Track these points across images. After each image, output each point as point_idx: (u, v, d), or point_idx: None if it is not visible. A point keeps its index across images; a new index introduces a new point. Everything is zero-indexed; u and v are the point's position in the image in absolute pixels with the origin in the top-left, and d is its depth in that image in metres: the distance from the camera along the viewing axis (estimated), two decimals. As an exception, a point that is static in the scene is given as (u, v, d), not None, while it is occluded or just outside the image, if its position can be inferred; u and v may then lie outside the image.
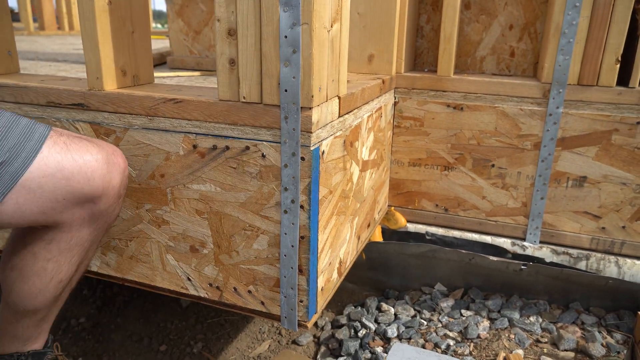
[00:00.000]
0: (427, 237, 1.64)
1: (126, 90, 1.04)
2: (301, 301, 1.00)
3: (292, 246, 0.96)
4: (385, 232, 1.70)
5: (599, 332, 1.42)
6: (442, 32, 1.49)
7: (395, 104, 1.58)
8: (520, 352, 1.33)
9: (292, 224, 0.94)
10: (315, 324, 1.65)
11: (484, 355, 1.35)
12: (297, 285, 0.99)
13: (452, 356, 1.36)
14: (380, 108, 1.40)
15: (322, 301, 1.07)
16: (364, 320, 1.57)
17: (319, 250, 1.00)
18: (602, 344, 1.35)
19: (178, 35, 1.87)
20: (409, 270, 1.67)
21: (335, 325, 1.61)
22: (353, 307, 1.67)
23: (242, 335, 1.63)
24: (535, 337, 1.41)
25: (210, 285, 1.08)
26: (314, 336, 1.60)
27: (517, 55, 1.62)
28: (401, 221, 1.66)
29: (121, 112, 1.03)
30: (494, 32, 1.61)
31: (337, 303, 1.74)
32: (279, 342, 1.60)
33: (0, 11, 1.23)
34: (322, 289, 1.05)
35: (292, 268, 0.98)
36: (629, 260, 1.45)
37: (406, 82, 1.54)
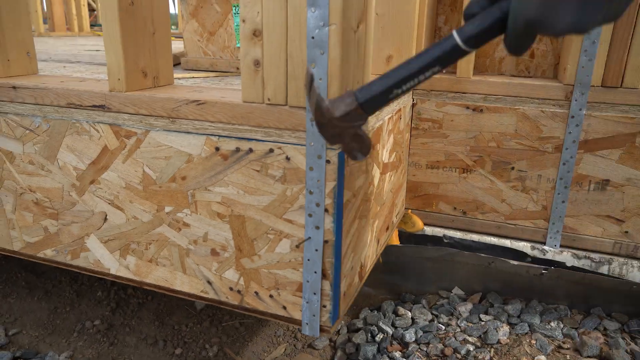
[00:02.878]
0: (445, 241, 1.62)
1: (147, 91, 1.03)
2: (324, 306, 0.99)
3: (316, 250, 0.94)
4: (402, 235, 1.68)
5: (623, 338, 1.39)
6: (462, 33, 1.47)
7: (413, 105, 1.56)
8: (543, 358, 1.31)
9: (317, 227, 0.93)
10: (331, 328, 1.63)
11: (506, 361, 1.33)
12: (320, 290, 0.97)
13: (473, 362, 1.34)
14: (399, 110, 1.39)
15: (344, 306, 1.05)
16: (380, 324, 1.55)
17: (343, 255, 0.98)
18: (626, 351, 1.33)
19: (192, 36, 1.86)
20: (425, 273, 1.65)
21: (352, 329, 1.59)
22: (369, 311, 1.65)
23: (257, 338, 1.61)
24: (557, 343, 1.39)
25: (231, 289, 1.06)
26: (330, 340, 1.59)
27: (537, 57, 1.60)
28: (419, 224, 1.64)
29: (142, 114, 1.02)
30: (514, 33, 1.59)
31: (353, 307, 1.72)
32: (294, 345, 1.58)
33: (20, 13, 1.22)
34: (344, 294, 1.04)
35: (315, 272, 0.96)
36: None
37: (425, 83, 1.52)
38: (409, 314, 1.59)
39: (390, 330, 1.53)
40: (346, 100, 0.71)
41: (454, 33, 0.67)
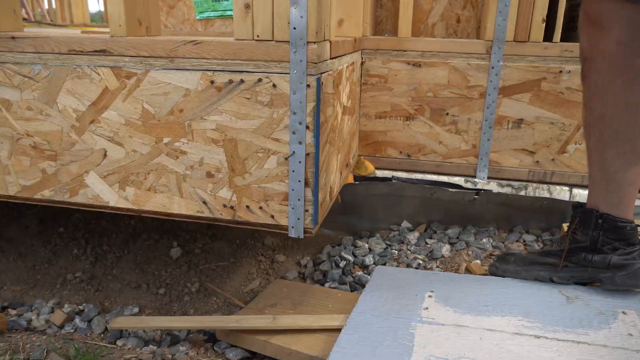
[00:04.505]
0: (393, 181, 1.88)
1: (145, 37, 1.19)
2: (307, 210, 1.20)
3: (300, 162, 1.16)
4: (356, 179, 1.92)
5: (537, 246, 1.72)
6: (401, 0, 1.74)
7: (362, 63, 1.81)
8: (478, 261, 1.60)
9: (300, 142, 1.14)
10: (299, 263, 1.85)
11: (449, 267, 1.61)
12: (303, 196, 1.18)
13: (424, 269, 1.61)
14: (353, 63, 1.62)
15: (321, 214, 1.27)
16: (342, 254, 1.78)
17: (320, 168, 1.20)
18: (541, 253, 1.65)
19: (156, 7, 1.99)
20: (377, 211, 1.90)
21: (317, 263, 1.82)
22: (331, 247, 1.88)
23: (234, 276, 1.79)
24: (488, 253, 1.69)
25: (225, 206, 1.25)
26: (299, 273, 1.80)
27: (462, 21, 1.90)
28: (370, 168, 1.89)
29: (143, 56, 1.18)
30: (442, 1, 1.88)
31: (315, 247, 1.94)
32: (267, 279, 1.78)
33: (8, -28, 1.33)
34: (321, 204, 1.26)
35: (299, 181, 1.17)
36: (557, 187, 1.76)
37: (372, 44, 1.78)
38: (366, 245, 1.84)
39: (351, 258, 1.76)
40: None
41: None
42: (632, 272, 1.23)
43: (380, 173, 1.90)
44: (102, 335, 1.46)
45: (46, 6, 5.56)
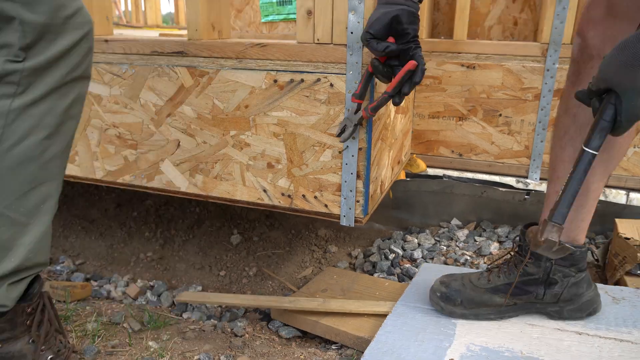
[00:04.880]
0: (444, 179, 1.93)
1: (217, 40, 1.33)
2: (358, 201, 1.29)
3: (353, 156, 1.25)
4: (408, 176, 1.99)
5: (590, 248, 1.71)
6: (458, 3, 1.79)
7: (417, 65, 1.87)
8: (525, 260, 1.62)
9: (353, 137, 1.23)
10: (350, 254, 1.94)
11: (494, 261, 1.65)
12: (355, 187, 1.28)
13: (469, 267, 1.66)
14: (407, 64, 1.69)
15: (371, 205, 1.36)
16: (392, 247, 1.86)
17: (371, 162, 1.29)
18: (595, 259, 1.65)
19: (226, 11, 2.15)
20: (428, 207, 1.96)
21: (367, 255, 1.90)
22: (381, 240, 1.96)
23: (288, 264, 1.91)
24: (537, 253, 1.70)
25: (283, 194, 1.37)
26: (350, 263, 1.89)
27: (519, 25, 1.92)
28: (422, 166, 1.95)
29: (215, 57, 1.31)
30: (500, 4, 1.91)
31: (367, 239, 2.03)
32: (320, 268, 1.89)
33: (101, -17, 1.51)
34: (371, 196, 1.34)
35: (351, 174, 1.27)
36: (613, 190, 1.75)
37: (427, 46, 1.84)
38: (416, 240, 1.90)
39: (400, 252, 1.84)
40: (552, 230, 0.88)
41: (588, 150, 0.85)
42: (579, 306, 1.20)
43: (431, 171, 1.96)
44: (169, 308, 1.62)
45: (122, 8, 5.99)
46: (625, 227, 1.47)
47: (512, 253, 1.28)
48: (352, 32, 1.16)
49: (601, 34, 1.04)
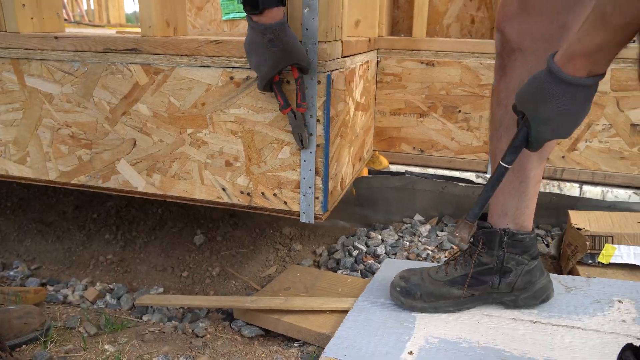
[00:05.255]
0: (407, 175, 1.95)
1: (172, 37, 1.31)
2: (317, 197, 1.29)
3: (311, 152, 1.25)
4: (371, 173, 2.00)
5: (546, 241, 1.76)
6: (416, 1, 1.81)
7: (377, 62, 1.88)
8: (485, 253, 1.66)
9: (311, 134, 1.23)
10: (314, 252, 1.94)
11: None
12: (314, 184, 1.28)
13: (431, 262, 1.68)
14: (367, 62, 1.71)
15: (331, 202, 1.36)
16: (356, 243, 1.87)
17: (330, 159, 1.29)
18: (546, 245, 1.70)
19: (185, 8, 2.11)
20: (391, 203, 1.98)
21: (331, 252, 1.90)
22: (345, 238, 1.97)
23: (252, 262, 1.90)
24: (496, 246, 1.74)
25: (242, 192, 1.35)
26: (314, 261, 1.89)
27: (476, 22, 1.95)
28: (384, 163, 1.97)
29: (169, 54, 1.29)
30: (458, 3, 1.94)
31: (331, 237, 2.03)
32: (284, 266, 1.88)
33: (51, -22, 1.46)
34: (331, 193, 1.34)
35: (310, 170, 1.26)
36: (567, 184, 1.80)
37: (387, 43, 1.85)
38: (379, 236, 1.92)
39: (364, 248, 1.85)
40: (464, 227, 1.07)
41: (502, 164, 1.00)
42: (532, 293, 1.24)
43: (394, 167, 1.97)
44: (129, 310, 1.58)
45: (85, 7, 5.84)
46: (578, 218, 1.51)
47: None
48: (307, 29, 1.16)
49: (517, 29, 1.09)
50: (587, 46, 0.81)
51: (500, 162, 1.00)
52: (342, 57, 1.35)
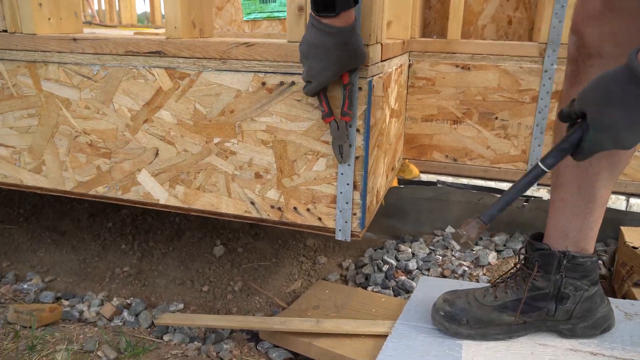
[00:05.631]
0: (439, 185, 1.85)
1: (199, 39, 1.21)
2: (354, 214, 1.19)
3: (349, 165, 1.15)
4: (401, 182, 1.90)
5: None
6: (452, 1, 1.70)
7: (409, 65, 1.78)
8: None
9: (350, 145, 1.13)
10: (340, 265, 1.84)
11: (496, 275, 1.57)
12: (352, 199, 1.18)
13: (468, 279, 1.58)
14: (401, 65, 1.60)
15: (368, 218, 1.26)
16: (385, 257, 1.76)
17: (368, 171, 1.19)
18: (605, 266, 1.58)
19: (206, 9, 2.02)
20: (422, 214, 1.88)
21: (359, 266, 1.80)
22: (373, 250, 1.87)
23: (275, 276, 1.80)
24: (538, 262, 1.63)
25: (272, 207, 1.26)
26: (341, 275, 1.79)
27: (514, 23, 1.84)
28: (415, 172, 1.86)
29: (197, 57, 1.20)
30: (494, 2, 1.83)
31: (357, 249, 1.93)
32: (309, 281, 1.78)
33: (69, -24, 1.38)
34: (368, 207, 1.24)
35: (348, 184, 1.16)
36: (613, 196, 1.69)
37: (420, 46, 1.75)
38: (409, 249, 1.81)
39: (394, 262, 1.74)
40: (475, 225, 0.94)
41: (541, 165, 0.88)
42: (593, 322, 1.13)
43: (425, 177, 1.87)
44: (149, 329, 1.49)
45: (96, 7, 5.79)
46: (632, 235, 1.40)
47: (518, 266, 1.20)
48: (348, 31, 1.06)
49: (598, 31, 0.97)
50: None
51: (539, 163, 0.88)
52: (381, 61, 1.25)
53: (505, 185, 1.79)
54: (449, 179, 1.84)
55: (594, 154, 0.86)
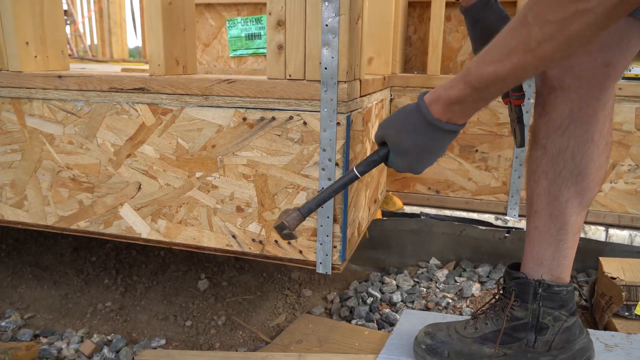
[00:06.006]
0: (422, 217, 1.86)
1: (182, 76, 1.24)
2: (335, 247, 1.20)
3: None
4: (384, 214, 1.91)
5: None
6: (431, 38, 1.76)
7: (391, 100, 1.82)
8: (510, 302, 1.55)
9: (329, 179, 1.15)
10: (325, 298, 1.83)
11: (479, 307, 1.57)
12: (332, 233, 1.19)
13: (452, 312, 1.57)
14: (382, 100, 1.64)
15: (349, 251, 1.27)
16: (370, 290, 1.76)
17: (348, 205, 1.20)
18: (582, 297, 1.59)
19: (192, 45, 2.07)
20: (406, 246, 1.88)
21: (344, 299, 1.79)
22: (358, 283, 1.86)
23: (260, 310, 1.79)
24: (521, 293, 1.64)
25: (254, 240, 1.26)
26: (325, 308, 1.78)
27: (491, 59, 1.90)
28: (398, 204, 1.88)
29: (179, 94, 1.22)
30: (472, 40, 1.90)
31: (343, 282, 1.92)
32: (293, 314, 1.77)
33: (56, 15, 1.41)
34: (349, 240, 1.25)
35: (328, 217, 1.18)
36: (592, 227, 1.71)
37: (401, 81, 1.80)
38: (394, 281, 1.81)
39: (378, 295, 1.74)
40: (293, 215, 1.01)
41: (355, 170, 0.99)
42: (572, 354, 1.13)
43: (408, 209, 1.89)
44: (129, 366, 1.46)
45: (89, 42, 5.88)
46: (610, 266, 1.42)
47: (497, 296, 1.20)
48: (326, 68, 1.09)
49: (559, 65, 1.03)
50: (449, 95, 0.87)
51: (354, 169, 0.99)
52: (360, 96, 1.28)
53: (487, 217, 1.81)
54: (432, 211, 1.86)
55: (400, 171, 0.99)
